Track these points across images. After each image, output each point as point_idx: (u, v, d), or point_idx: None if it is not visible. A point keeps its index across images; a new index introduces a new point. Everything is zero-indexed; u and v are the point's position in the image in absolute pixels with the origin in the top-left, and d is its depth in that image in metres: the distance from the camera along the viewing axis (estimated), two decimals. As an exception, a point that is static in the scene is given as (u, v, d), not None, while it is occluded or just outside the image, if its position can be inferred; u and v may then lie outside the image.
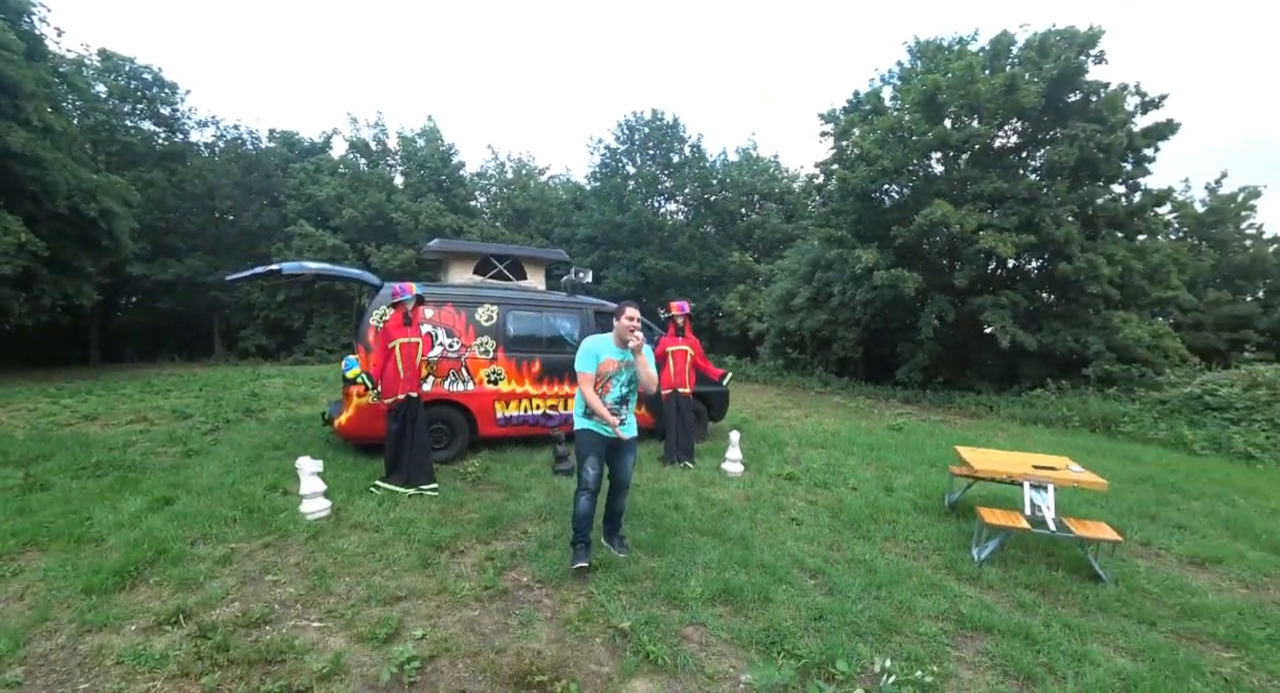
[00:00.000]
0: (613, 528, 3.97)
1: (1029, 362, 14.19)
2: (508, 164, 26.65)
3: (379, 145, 22.16)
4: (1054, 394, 12.89)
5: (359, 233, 19.53)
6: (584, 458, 3.66)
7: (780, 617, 3.15)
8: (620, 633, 2.94)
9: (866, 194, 14.06)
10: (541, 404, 6.53)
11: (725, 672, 2.72)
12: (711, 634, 3.00)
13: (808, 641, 2.94)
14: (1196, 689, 2.79)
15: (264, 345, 20.91)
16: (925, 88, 12.44)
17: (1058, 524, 4.21)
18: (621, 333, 3.61)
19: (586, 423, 3.70)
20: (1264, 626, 3.53)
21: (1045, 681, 2.80)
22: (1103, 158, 12.18)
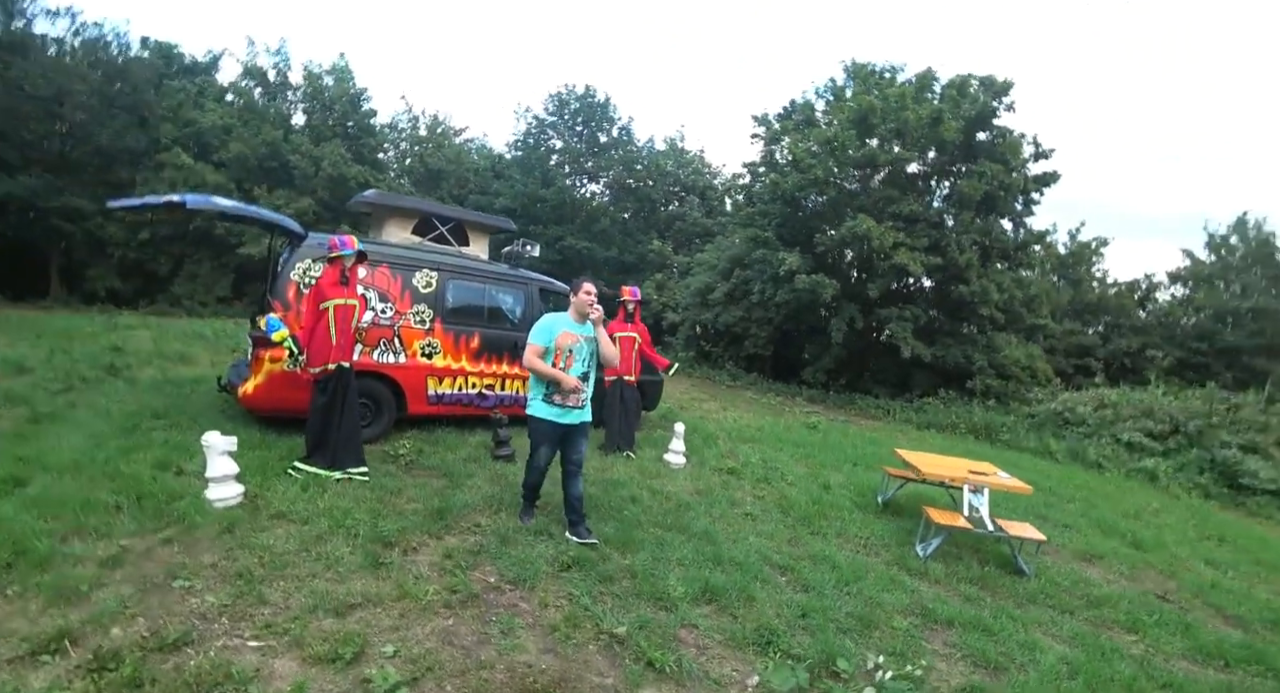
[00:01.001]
0: (577, 517, 3.83)
1: (921, 372, 15.44)
2: (422, 119, 24.69)
3: (279, 77, 19.49)
4: (942, 403, 14.14)
5: (247, 172, 17.10)
6: (537, 445, 3.73)
7: (767, 616, 3.13)
8: (615, 639, 2.74)
9: (794, 199, 14.52)
10: (478, 383, 6.02)
11: (729, 676, 2.64)
12: (705, 636, 2.91)
13: (799, 639, 2.96)
14: (1120, 670, 3.18)
15: (117, 289, 17.80)
16: (860, 107, 13.02)
17: (993, 525, 4.57)
18: (581, 307, 3.65)
19: (543, 409, 3.65)
20: (1151, 613, 4.10)
21: (1009, 669, 3.04)
22: (1003, 195, 13.45)
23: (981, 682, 2.88)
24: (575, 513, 3.82)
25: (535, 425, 3.71)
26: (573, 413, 3.70)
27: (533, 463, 3.82)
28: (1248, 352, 16.74)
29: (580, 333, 3.69)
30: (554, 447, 3.76)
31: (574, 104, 23.16)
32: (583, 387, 3.71)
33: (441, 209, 6.24)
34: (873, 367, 16.96)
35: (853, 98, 13.76)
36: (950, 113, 12.45)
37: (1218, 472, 9.95)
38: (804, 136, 14.84)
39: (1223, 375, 15.91)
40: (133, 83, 17.66)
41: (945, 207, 13.59)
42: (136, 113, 17.93)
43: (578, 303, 3.70)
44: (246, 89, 19.39)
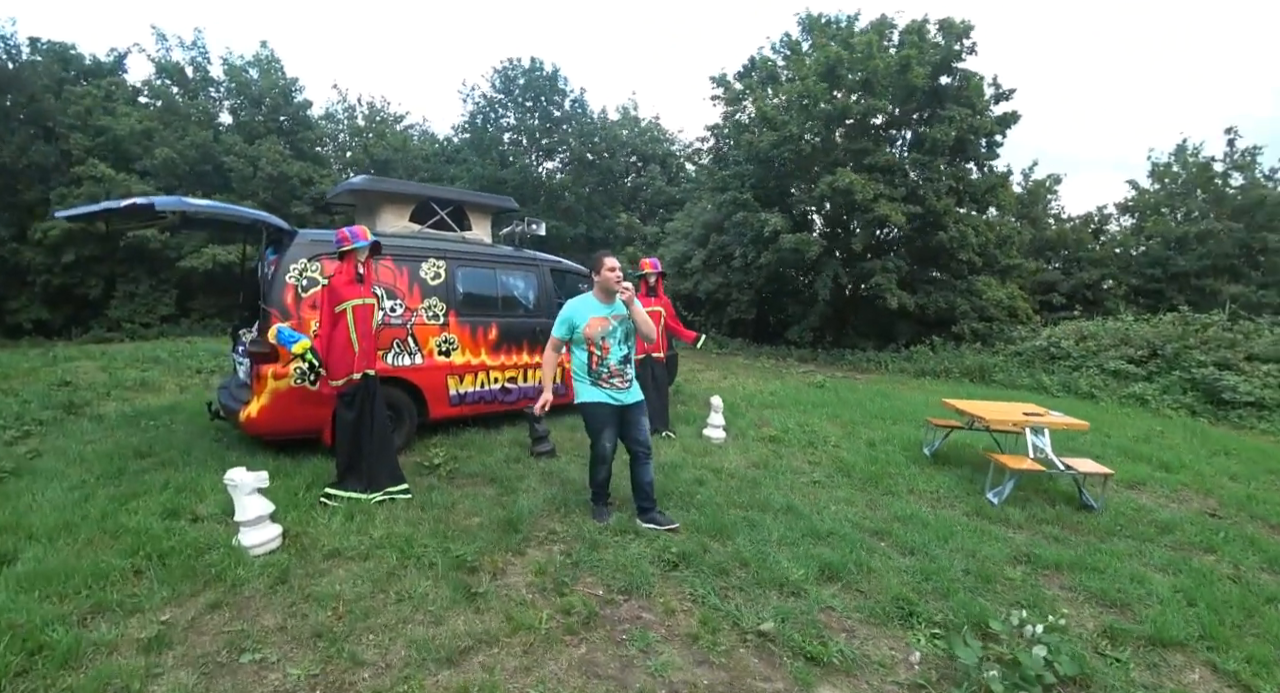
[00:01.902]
0: (650, 503, 3.59)
1: (904, 321, 15.57)
2: (359, 108, 23.14)
3: (199, 73, 17.74)
4: (931, 350, 14.30)
5: (177, 178, 15.60)
6: (598, 433, 3.44)
7: (893, 585, 2.99)
8: (764, 637, 2.50)
9: (769, 159, 14.21)
10: (500, 377, 5.56)
11: (890, 656, 2.48)
12: (845, 617, 2.74)
13: (935, 605, 2.86)
14: (1226, 591, 3.21)
15: (45, 320, 16.17)
16: (827, 58, 12.70)
17: (1062, 464, 4.55)
18: (607, 285, 3.37)
19: (594, 393, 3.40)
20: (1216, 531, 4.13)
21: (1132, 604, 3.00)
22: (972, 139, 13.45)
23: (1117, 621, 2.83)
24: (648, 499, 3.57)
25: (592, 412, 3.42)
26: (627, 392, 3.44)
27: (597, 454, 3.51)
28: (1196, 274, 17.48)
29: (610, 313, 3.41)
30: (615, 430, 3.47)
31: (521, 79, 22.08)
32: (627, 374, 3.50)
33: (439, 191, 5.65)
34: (854, 321, 17.05)
35: (817, 49, 13.42)
36: (917, 59, 12.25)
37: (1200, 390, 10.31)
38: (771, 93, 14.47)
39: (1176, 299, 16.59)
40: (28, 91, 15.78)
41: (919, 154, 13.46)
42: (38, 124, 16.11)
43: (602, 282, 3.38)
44: (163, 88, 17.62)
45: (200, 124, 16.69)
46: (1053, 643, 2.38)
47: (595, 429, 3.47)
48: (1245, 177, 17.56)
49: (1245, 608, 3.03)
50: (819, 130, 13.69)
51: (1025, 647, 2.38)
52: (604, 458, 3.51)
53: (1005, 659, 2.36)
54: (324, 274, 4.36)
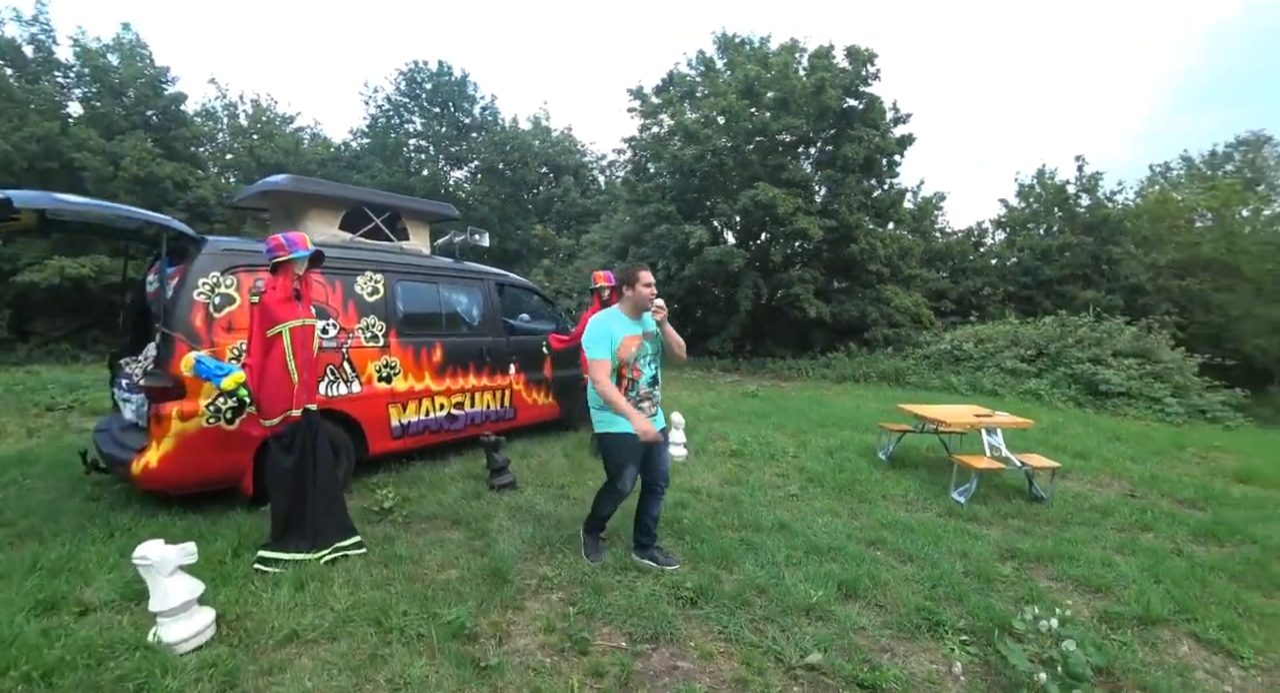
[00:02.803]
0: (650, 539, 3.32)
1: (819, 330, 16.28)
2: (241, 106, 20.88)
3: (41, 53, 15.10)
4: (847, 356, 15.02)
5: (15, 176, 13.09)
6: (621, 468, 3.05)
7: (908, 596, 3.00)
8: (813, 670, 2.36)
9: (692, 171, 14.37)
10: (445, 403, 5.01)
11: (933, 670, 2.45)
12: (878, 636, 2.67)
13: (954, 610, 2.88)
14: (1178, 564, 3.55)
15: None
16: (746, 77, 13.08)
17: (1018, 461, 4.80)
18: (641, 302, 3.06)
19: (625, 423, 2.94)
20: (1143, 511, 4.57)
21: (1113, 587, 3.22)
22: (878, 158, 14.38)
23: (1110, 607, 3.00)
24: (650, 534, 3.31)
25: (619, 445, 3.03)
26: (655, 419, 3.13)
27: (617, 489, 3.12)
28: (1059, 281, 19.72)
29: (642, 332, 3.10)
30: (639, 465, 3.11)
31: (428, 83, 20.96)
32: (656, 397, 3.17)
33: (373, 195, 5.02)
34: (772, 330, 17.61)
35: (736, 67, 13.81)
36: (830, 82, 12.91)
37: (1081, 384, 11.55)
38: (692, 108, 14.69)
39: (1045, 303, 18.62)
40: None
41: (832, 171, 14.17)
42: None
43: (637, 298, 3.03)
44: (-10, 70, 14.84)
45: (43, 113, 14.19)
46: (1077, 636, 2.42)
47: (619, 464, 3.07)
48: (1091, 198, 20.10)
49: (1198, 579, 3.36)
50: (740, 145, 14.04)
51: (1052, 644, 2.43)
52: (622, 495, 3.15)
53: (1041, 658, 2.40)
54: (243, 290, 3.69)
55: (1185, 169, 25.59)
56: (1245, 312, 16.22)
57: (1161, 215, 18.76)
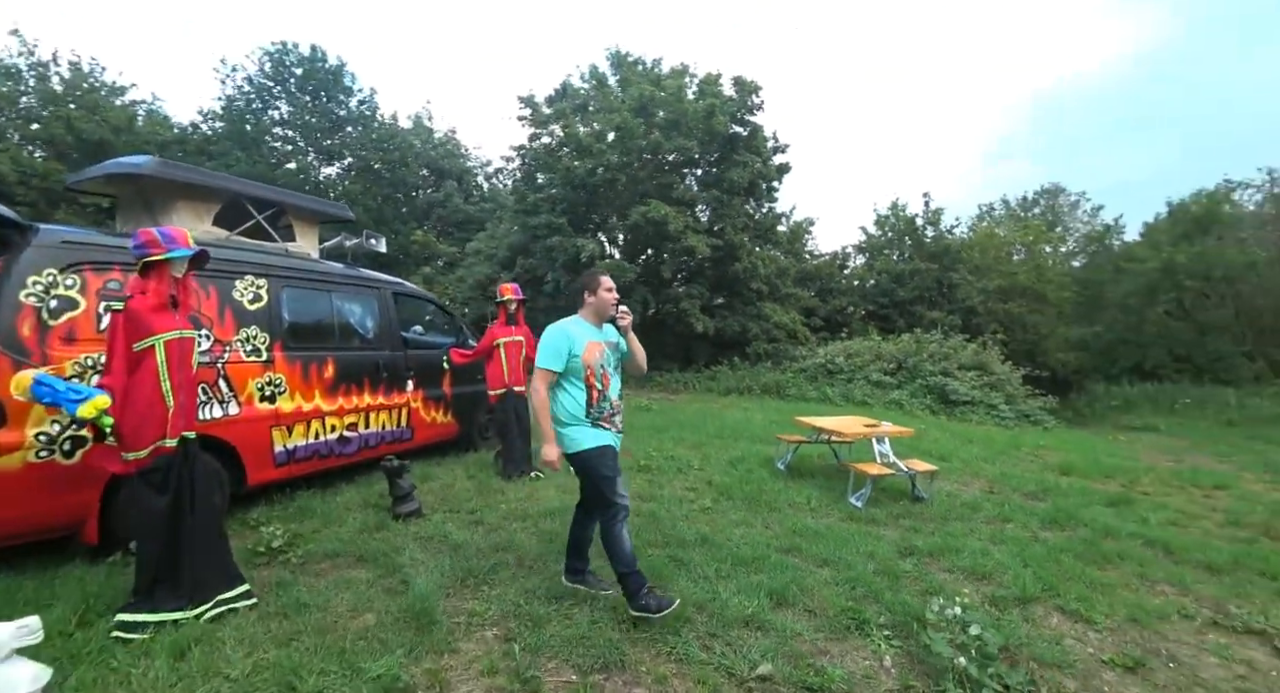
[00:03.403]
0: (585, 563, 3.20)
1: (701, 344, 16.93)
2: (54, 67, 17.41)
3: None
4: (730, 369, 15.75)
5: None
6: (612, 482, 2.83)
7: (833, 599, 3.15)
8: (765, 681, 2.44)
9: (585, 185, 14.40)
10: (337, 425, 4.52)
11: (866, 666, 2.62)
12: (814, 640, 2.78)
13: (875, 608, 3.09)
14: (1037, 550, 4.08)
15: None
16: (641, 95, 13.41)
17: (905, 466, 5.30)
18: (603, 308, 2.89)
19: (598, 435, 2.82)
20: (1002, 504, 5.25)
21: (994, 574, 3.62)
22: (760, 183, 15.37)
23: (996, 592, 3.41)
24: (585, 559, 3.19)
25: (599, 459, 2.80)
26: (619, 436, 3.00)
27: (617, 505, 2.80)
28: (910, 302, 22.25)
29: (605, 340, 2.94)
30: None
31: (298, 68, 19.04)
32: (619, 408, 2.99)
33: (256, 188, 4.38)
34: (657, 343, 18.06)
35: (631, 85, 14.11)
36: (720, 108, 13.61)
37: (934, 394, 13.08)
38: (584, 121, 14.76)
39: (899, 322, 20.92)
40: None
41: (719, 192, 14.89)
42: None
43: (600, 304, 2.86)
44: None
45: None
46: (978, 620, 2.69)
47: (608, 478, 2.80)
48: (935, 230, 22.99)
49: (1053, 560, 3.88)
50: (632, 162, 14.31)
51: (959, 629, 2.66)
52: (625, 509, 2.83)
53: (955, 644, 2.59)
54: (91, 293, 3.07)
55: (1005, 210, 30.18)
56: (1050, 331, 19.36)
57: (988, 248, 21.85)
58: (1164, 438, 10.92)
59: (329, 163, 20.83)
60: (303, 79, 19.08)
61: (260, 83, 18.91)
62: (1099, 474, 6.86)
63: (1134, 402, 14.26)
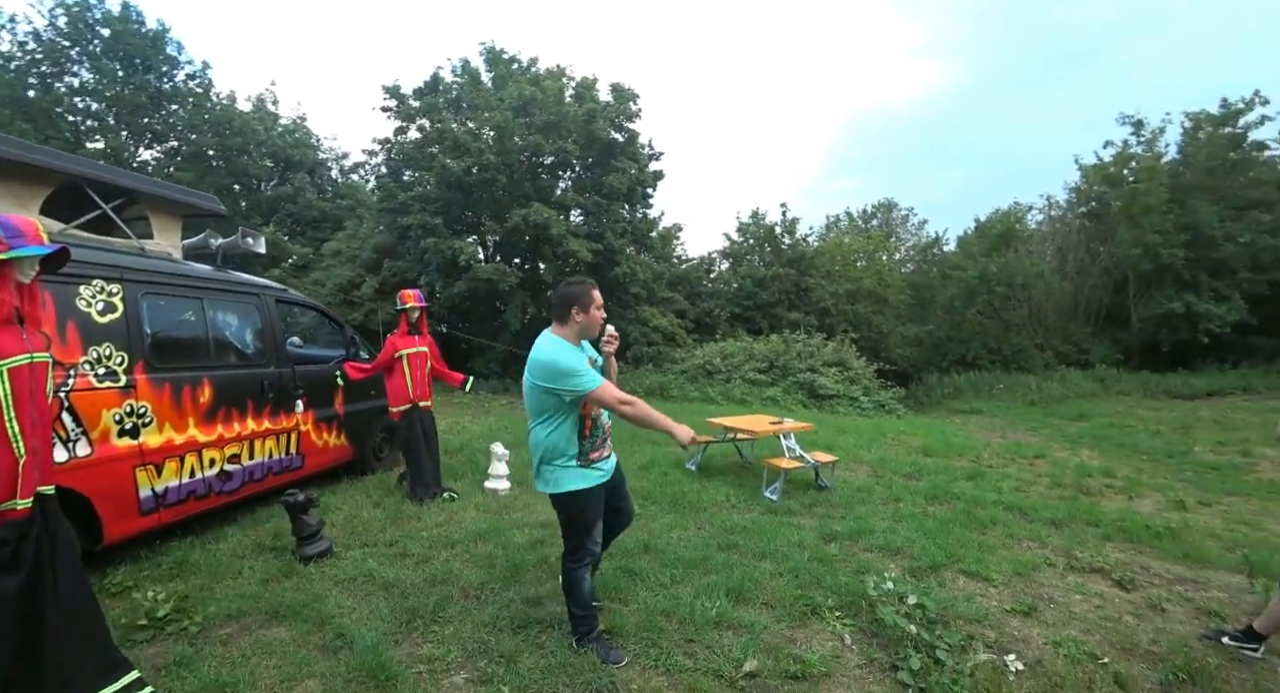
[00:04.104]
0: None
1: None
2: None
3: None
4: (609, 373, 15.86)
5: None
6: (590, 528, 2.63)
7: (785, 590, 3.29)
8: (753, 677, 2.52)
9: (462, 185, 13.71)
10: (217, 458, 3.84)
11: (834, 647, 2.79)
12: (780, 630, 2.92)
13: (823, 594, 3.27)
14: (927, 523, 4.55)
15: None
16: (521, 95, 13.06)
17: (811, 459, 5.71)
18: (593, 329, 2.62)
19: (588, 476, 2.55)
20: (889, 486, 5.79)
21: (904, 548, 4.04)
22: (638, 189, 15.69)
23: (911, 564, 3.79)
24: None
25: (586, 503, 2.55)
26: (611, 458, 2.74)
27: (589, 551, 2.62)
28: (772, 305, 24.04)
29: (588, 358, 2.71)
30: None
31: (103, 28, 15.79)
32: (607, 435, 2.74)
33: (98, 169, 3.53)
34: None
35: (513, 83, 13.66)
36: (601, 114, 13.68)
37: (805, 389, 14.24)
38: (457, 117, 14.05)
39: (762, 323, 22.51)
40: None
41: (599, 197, 14.96)
42: None
43: (590, 322, 2.56)
44: None
45: None
46: (911, 590, 3.07)
47: (589, 523, 2.59)
48: (791, 237, 25.09)
49: (945, 531, 4.38)
50: (512, 163, 13.90)
51: (897, 601, 3.01)
52: (593, 556, 2.67)
53: (902, 614, 2.89)
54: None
55: (849, 221, 33.75)
56: (891, 330, 21.99)
57: (837, 255, 24.30)
58: (988, 418, 12.90)
59: (149, 145, 17.59)
60: (111, 43, 15.87)
61: (51, 42, 15.42)
62: (952, 453, 7.91)
63: (961, 389, 16.67)
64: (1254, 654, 2.82)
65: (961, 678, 2.47)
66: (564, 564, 2.64)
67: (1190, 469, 7.33)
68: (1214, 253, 16.48)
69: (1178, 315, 16.38)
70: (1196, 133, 18.34)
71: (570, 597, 2.62)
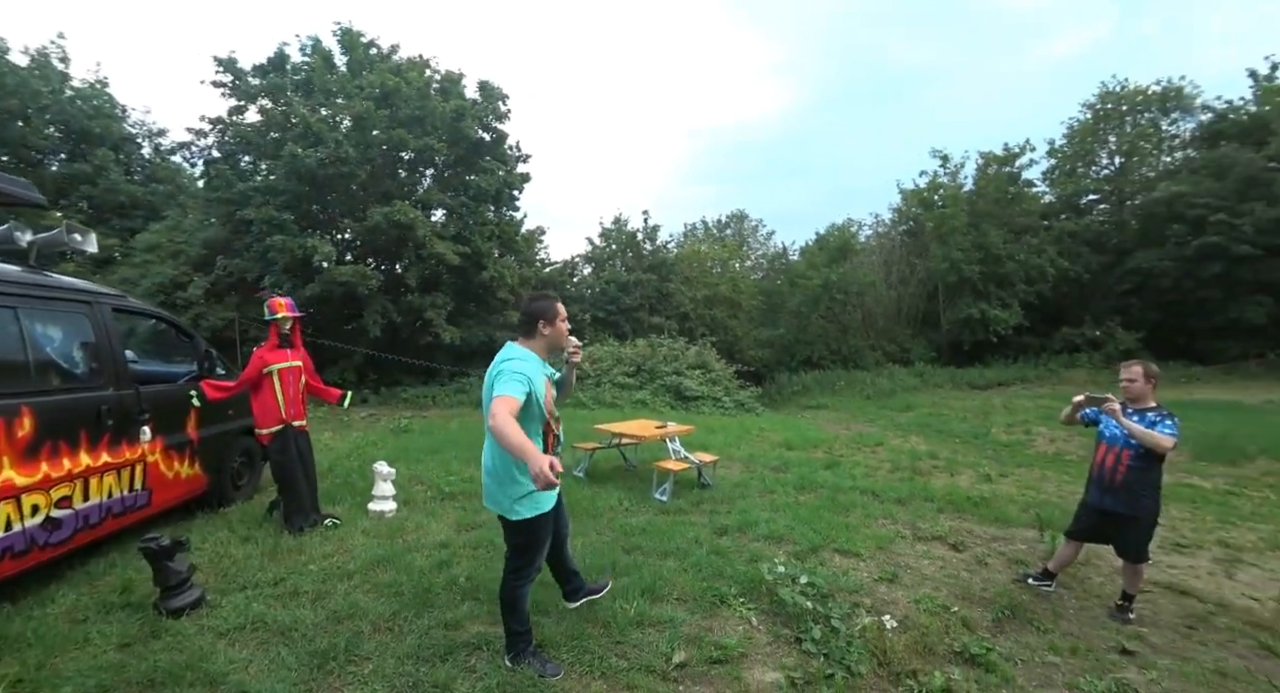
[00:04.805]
0: (579, 581, 3.20)
1: (443, 353, 16.19)
2: None
3: None
4: (479, 381, 15.37)
5: None
6: (539, 550, 2.68)
7: (692, 585, 3.55)
8: (683, 667, 2.72)
9: (315, 177, 12.45)
10: (42, 504, 3.21)
11: (744, 630, 3.09)
12: (696, 623, 3.14)
13: (726, 584, 3.58)
14: (802, 512, 5.09)
15: None
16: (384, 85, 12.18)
17: (695, 460, 6.10)
18: (559, 343, 2.62)
19: (539, 503, 2.55)
20: (762, 480, 6.48)
21: (785, 536, 4.49)
22: (506, 191, 15.39)
23: (793, 548, 4.22)
24: (577, 578, 3.19)
25: (541, 526, 2.59)
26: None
27: (532, 573, 2.66)
28: (634, 309, 24.82)
29: (550, 377, 2.69)
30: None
31: None
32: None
33: None
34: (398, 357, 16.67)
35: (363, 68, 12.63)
36: (470, 112, 13.22)
37: (672, 392, 14.94)
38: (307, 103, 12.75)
39: (625, 327, 23.15)
40: None
41: (466, 198, 14.43)
42: None
43: (555, 337, 2.56)
44: None
45: None
46: (801, 571, 3.51)
47: (540, 544, 2.64)
48: (652, 244, 26.07)
49: (817, 517, 4.93)
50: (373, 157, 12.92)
51: (793, 582, 3.40)
52: (531, 578, 2.68)
53: (799, 593, 3.27)
54: None
55: (705, 230, 35.78)
56: (745, 333, 23.75)
57: (695, 261, 25.71)
58: (833, 413, 14.52)
59: None
60: None
61: None
62: (809, 446, 8.85)
63: (809, 386, 18.53)
64: (1049, 589, 3.63)
65: (854, 640, 2.89)
66: (507, 582, 2.63)
67: (990, 447, 8.98)
68: (1000, 269, 20.18)
69: (975, 319, 19.80)
70: (987, 168, 22.37)
71: (511, 614, 2.62)
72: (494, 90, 14.34)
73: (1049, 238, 20.99)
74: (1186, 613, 3.49)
